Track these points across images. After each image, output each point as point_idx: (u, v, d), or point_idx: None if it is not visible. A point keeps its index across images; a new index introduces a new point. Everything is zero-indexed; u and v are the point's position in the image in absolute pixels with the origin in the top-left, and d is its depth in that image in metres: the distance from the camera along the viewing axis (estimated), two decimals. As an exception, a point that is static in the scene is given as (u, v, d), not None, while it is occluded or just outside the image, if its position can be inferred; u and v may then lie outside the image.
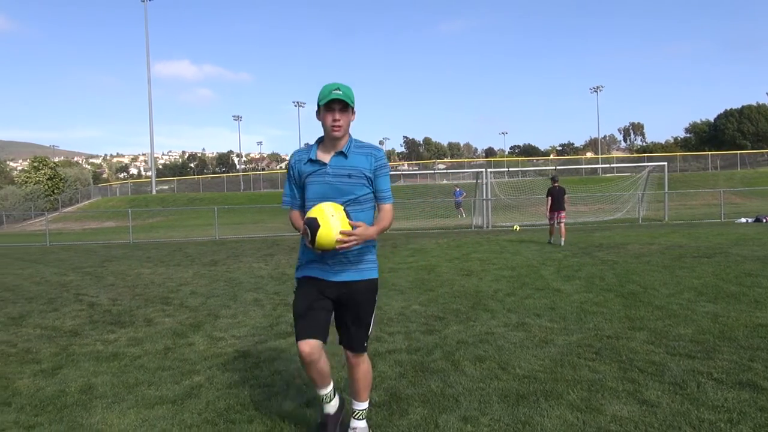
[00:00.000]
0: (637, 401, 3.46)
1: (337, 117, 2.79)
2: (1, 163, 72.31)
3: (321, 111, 2.83)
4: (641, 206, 22.72)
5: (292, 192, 3.01)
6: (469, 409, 3.45)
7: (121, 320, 6.48)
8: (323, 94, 2.79)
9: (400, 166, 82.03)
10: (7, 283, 10.05)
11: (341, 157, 2.87)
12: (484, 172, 23.03)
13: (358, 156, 2.89)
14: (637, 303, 6.28)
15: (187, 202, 47.46)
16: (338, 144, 2.87)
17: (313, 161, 2.89)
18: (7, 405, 3.82)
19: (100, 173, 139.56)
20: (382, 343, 5.05)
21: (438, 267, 10.06)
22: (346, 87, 2.81)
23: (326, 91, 2.78)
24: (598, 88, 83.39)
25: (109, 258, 14.52)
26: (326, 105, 2.79)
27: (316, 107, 2.86)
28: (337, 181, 2.85)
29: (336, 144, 2.87)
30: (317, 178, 2.87)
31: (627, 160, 61.77)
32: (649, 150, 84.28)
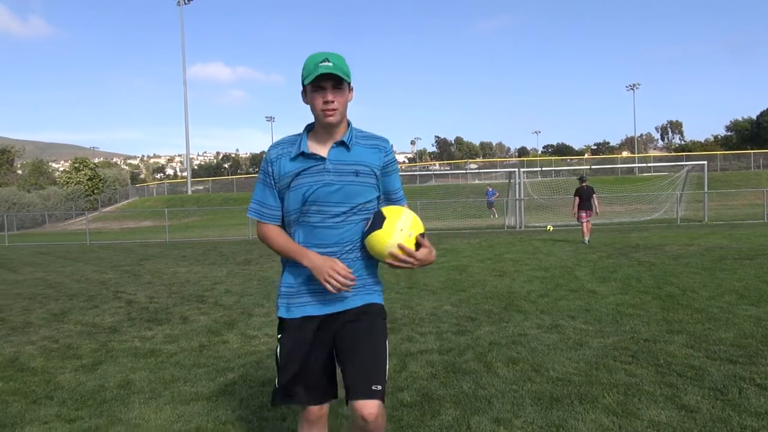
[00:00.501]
0: (675, 406, 3.38)
1: (330, 98, 2.08)
2: (44, 165, 74.58)
3: (308, 91, 2.13)
4: (679, 206, 22.16)
5: (267, 199, 2.22)
6: (502, 411, 3.42)
7: (158, 318, 6.62)
8: (308, 69, 2.08)
9: (432, 165, 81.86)
10: (49, 281, 10.37)
11: (343, 149, 2.18)
12: (516, 171, 22.80)
13: (363, 149, 2.22)
14: (675, 305, 6.13)
15: (221, 202, 48.26)
16: (335, 133, 2.18)
17: (305, 155, 2.15)
18: (49, 399, 3.94)
19: (138, 174, 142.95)
20: (413, 343, 5.04)
21: (470, 267, 10.00)
22: (336, 56, 2.10)
23: (311, 64, 2.07)
24: (635, 85, 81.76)
25: (146, 257, 14.85)
26: (313, 83, 2.08)
27: (302, 85, 2.15)
28: (341, 180, 2.15)
29: (332, 133, 2.17)
30: (312, 177, 2.14)
31: (665, 159, 60.36)
32: (688, 149, 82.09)
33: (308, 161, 2.16)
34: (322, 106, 2.09)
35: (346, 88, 2.14)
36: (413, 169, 76.43)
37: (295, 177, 2.16)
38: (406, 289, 7.83)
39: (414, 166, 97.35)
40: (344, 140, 2.17)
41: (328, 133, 2.18)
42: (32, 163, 70.96)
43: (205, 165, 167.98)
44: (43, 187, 56.85)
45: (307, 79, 2.08)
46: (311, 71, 2.06)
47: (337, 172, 2.15)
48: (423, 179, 49.97)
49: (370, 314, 2.21)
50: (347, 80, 2.11)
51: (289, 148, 2.19)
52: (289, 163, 2.17)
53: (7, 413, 3.67)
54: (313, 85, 2.08)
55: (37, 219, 45.26)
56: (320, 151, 2.17)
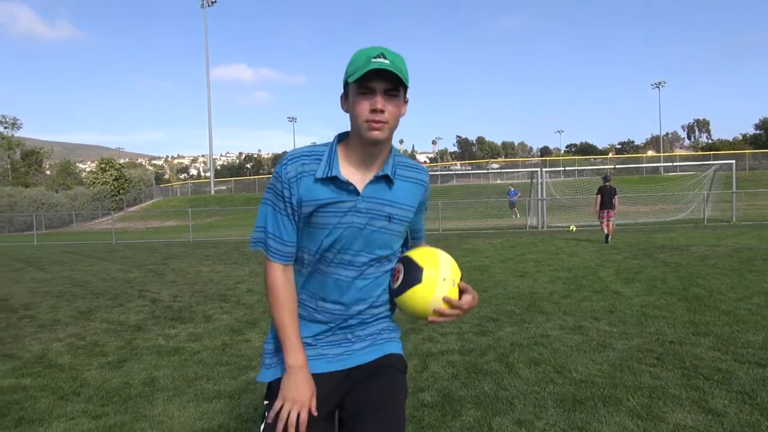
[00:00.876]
0: (701, 410, 3.32)
1: (379, 104, 1.54)
2: (71, 165, 76.13)
3: (350, 93, 1.60)
4: (706, 206, 21.75)
5: (283, 231, 1.66)
6: (524, 412, 3.39)
7: (182, 316, 6.71)
8: (355, 63, 1.57)
9: (453, 165, 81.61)
10: (77, 279, 10.57)
11: (383, 186, 1.66)
12: (539, 171, 22.59)
13: (404, 184, 1.70)
14: (702, 307, 6.02)
15: (243, 202, 48.68)
16: (377, 156, 1.65)
17: (338, 183, 1.62)
18: (76, 395, 4.01)
19: (162, 174, 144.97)
20: (434, 343, 5.02)
21: (491, 268, 9.94)
22: (395, 54, 1.59)
23: (361, 58, 1.56)
24: (660, 83, 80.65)
25: (170, 256, 15.04)
26: (360, 82, 1.55)
27: (343, 86, 1.65)
28: (370, 224, 1.65)
29: (374, 155, 1.64)
30: (339, 217, 1.63)
31: (691, 158, 59.31)
32: (715, 147, 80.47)
33: (339, 192, 1.62)
34: (368, 115, 1.56)
35: (402, 96, 1.62)
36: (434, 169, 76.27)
37: (317, 209, 1.62)
38: (427, 289, 7.81)
39: (435, 166, 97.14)
40: (387, 173, 1.65)
41: (368, 154, 1.64)
42: (60, 164, 72.44)
43: (228, 165, 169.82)
44: (70, 188, 57.95)
45: (352, 75, 1.56)
46: (360, 66, 1.55)
47: (368, 214, 1.64)
48: (444, 179, 49.83)
49: (388, 368, 1.75)
50: (405, 85, 1.59)
51: (313, 166, 1.63)
52: (314, 188, 1.62)
53: (35, 408, 3.75)
54: (360, 86, 1.56)
55: (64, 219, 46.18)
56: (355, 179, 1.63)
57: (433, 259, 1.72)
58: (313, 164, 1.63)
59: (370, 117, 1.56)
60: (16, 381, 4.36)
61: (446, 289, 1.69)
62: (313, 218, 1.64)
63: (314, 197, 1.62)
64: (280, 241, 1.66)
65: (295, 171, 1.63)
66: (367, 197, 1.64)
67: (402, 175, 1.70)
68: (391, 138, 1.64)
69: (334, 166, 1.62)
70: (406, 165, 1.73)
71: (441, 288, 1.68)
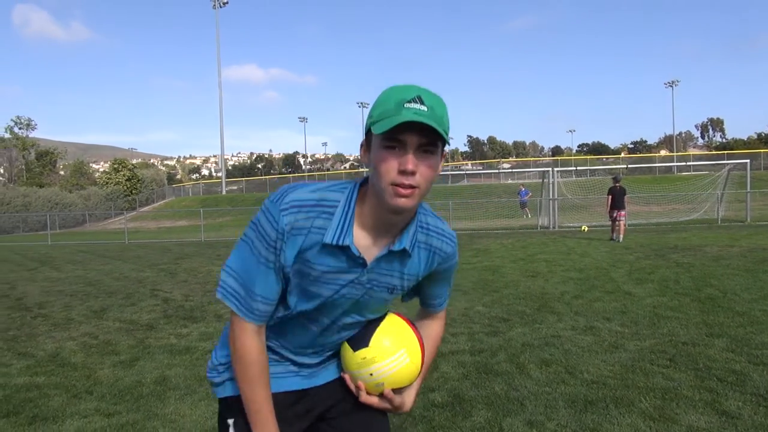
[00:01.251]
0: (715, 412, 3.28)
1: (411, 165, 1.21)
2: (85, 166, 76.79)
3: (375, 143, 1.26)
4: (720, 206, 21.53)
5: (262, 287, 1.35)
6: (535, 413, 3.38)
7: (193, 315, 6.75)
8: (384, 107, 1.23)
9: (464, 165, 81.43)
10: (90, 278, 10.67)
11: (397, 261, 1.40)
12: (550, 171, 22.48)
13: (421, 252, 1.43)
14: (715, 308, 5.96)
15: (255, 202, 48.88)
16: (396, 225, 1.36)
17: (345, 252, 1.33)
18: (89, 393, 4.05)
19: (174, 174, 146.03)
20: (445, 343, 5.01)
21: (502, 268, 9.90)
22: (433, 96, 1.26)
23: (392, 101, 1.22)
24: (674, 82, 79.98)
25: (182, 255, 15.14)
26: (389, 135, 1.21)
27: (365, 131, 1.32)
28: (368, 294, 1.41)
29: (392, 225, 1.35)
30: (334, 290, 1.37)
31: (705, 157, 58.79)
32: (730, 147, 79.69)
33: (345, 263, 1.35)
34: (395, 177, 1.22)
35: (440, 152, 1.28)
36: (445, 168, 76.18)
37: (312, 276, 1.35)
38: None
39: (446, 165, 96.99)
40: (405, 246, 1.36)
41: (387, 221, 1.34)
42: (74, 165, 73.11)
43: (239, 165, 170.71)
44: (83, 188, 58.46)
45: (379, 124, 1.21)
46: (389, 113, 1.21)
47: (369, 284, 1.39)
48: (455, 179, 49.71)
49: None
50: (445, 139, 1.25)
51: (320, 222, 1.31)
52: (316, 252, 1.33)
53: (49, 406, 3.79)
54: (387, 138, 1.22)
55: (78, 218, 46.61)
56: (367, 250, 1.35)
57: (387, 352, 1.46)
58: (320, 219, 1.31)
59: (398, 179, 1.22)
60: (30, 379, 4.41)
61: (365, 380, 1.47)
62: (303, 282, 1.37)
63: (313, 262, 1.33)
64: (260, 299, 1.36)
65: (296, 224, 1.30)
66: (375, 270, 1.38)
67: (423, 243, 1.42)
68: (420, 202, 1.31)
69: (348, 232, 1.31)
70: (431, 231, 1.43)
71: (361, 376, 1.48)
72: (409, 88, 1.24)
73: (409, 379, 1.50)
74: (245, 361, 1.38)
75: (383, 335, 1.48)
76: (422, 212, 1.42)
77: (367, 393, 1.49)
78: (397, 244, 1.36)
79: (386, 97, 1.25)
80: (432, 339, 1.63)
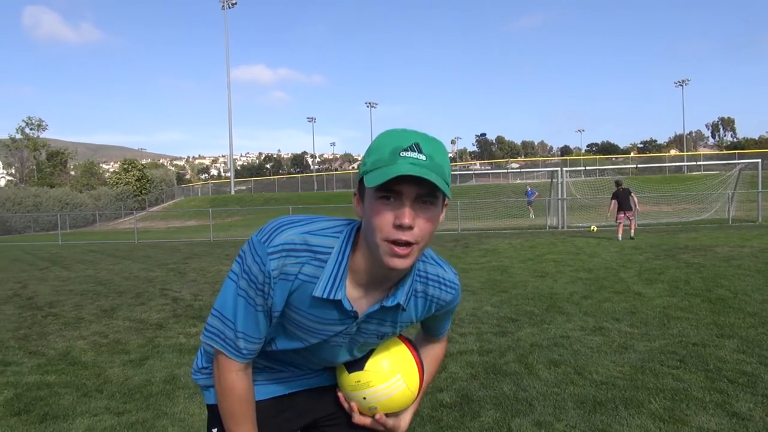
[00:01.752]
0: (726, 413, 3.26)
1: (407, 220, 1.12)
2: (95, 166, 77.29)
3: (369, 194, 1.16)
4: (731, 206, 21.35)
5: (255, 326, 1.29)
6: (543, 414, 3.37)
7: (202, 315, 6.77)
8: (379, 155, 1.14)
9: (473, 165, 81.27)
10: (100, 278, 10.74)
11: (389, 313, 1.32)
12: (559, 171, 22.39)
13: (419, 301, 1.36)
14: (726, 309, 5.92)
15: (263, 202, 49.02)
16: (390, 279, 1.28)
17: (336, 306, 1.27)
18: (99, 392, 4.08)
19: (183, 174, 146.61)
20: (453, 344, 5.01)
21: (511, 268, 9.87)
22: (433, 142, 1.16)
23: (388, 148, 1.13)
24: (684, 81, 79.47)
25: (191, 255, 15.20)
26: (384, 187, 1.12)
27: (358, 181, 1.22)
28: (355, 340, 1.36)
29: (387, 280, 1.28)
30: (321, 339, 1.33)
31: (715, 157, 58.39)
32: (741, 146, 79.05)
33: (335, 315, 1.28)
34: (390, 233, 1.13)
35: (440, 205, 1.19)
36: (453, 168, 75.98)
37: (299, 324, 1.30)
38: (445, 290, 7.79)
39: (455, 165, 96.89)
40: (400, 301, 1.28)
41: (381, 277, 1.26)
42: (84, 165, 73.59)
43: (248, 165, 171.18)
44: (94, 188, 58.83)
45: (372, 175, 1.12)
46: (383, 161, 1.12)
47: (359, 333, 1.34)
48: (463, 179, 49.62)
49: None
50: (445, 193, 1.14)
51: (310, 270, 1.23)
52: (305, 301, 1.25)
53: (59, 405, 3.82)
54: (382, 188, 1.12)
55: (88, 218, 46.92)
56: (358, 302, 1.28)
57: (383, 376, 1.41)
58: (310, 266, 1.22)
59: (393, 235, 1.12)
60: (41, 378, 4.45)
61: (358, 402, 1.44)
62: (290, 326, 1.31)
63: (302, 310, 1.27)
64: (248, 339, 1.29)
65: (284, 269, 1.21)
66: (366, 323, 1.31)
67: (420, 292, 1.34)
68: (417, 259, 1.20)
69: (341, 286, 1.23)
70: (430, 280, 1.34)
71: (356, 398, 1.44)
72: (406, 134, 1.14)
73: (404, 404, 1.45)
74: (232, 398, 1.32)
75: (380, 358, 1.42)
76: (421, 260, 1.32)
77: (360, 414, 1.45)
78: (390, 299, 1.27)
79: (381, 143, 1.15)
80: (433, 359, 1.58)
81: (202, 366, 1.47)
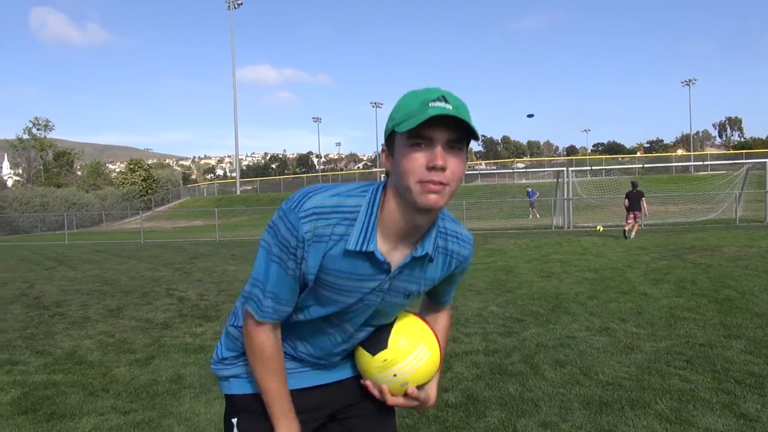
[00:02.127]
0: (733, 414, 3.24)
1: (440, 161, 1.17)
2: (102, 166, 77.61)
3: (400, 144, 1.21)
4: (738, 206, 21.24)
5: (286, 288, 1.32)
6: (549, 414, 3.36)
7: (208, 314, 6.79)
8: (407, 108, 1.20)
9: (478, 165, 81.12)
10: (106, 277, 10.78)
11: (417, 265, 1.36)
12: (565, 171, 22.33)
13: (441, 258, 1.41)
14: (733, 309, 5.88)
15: (269, 201, 49.08)
16: (421, 228, 1.31)
17: (370, 258, 1.29)
18: (105, 391, 4.09)
19: (189, 174, 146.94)
20: (458, 344, 5.00)
21: (516, 268, 9.85)
22: (457, 99, 1.22)
23: (416, 102, 1.19)
24: (691, 81, 79.11)
25: (197, 255, 15.24)
26: (415, 132, 1.17)
27: (386, 136, 1.27)
28: (385, 301, 1.38)
29: (417, 228, 1.30)
30: (356, 297, 1.34)
31: (723, 157, 58.12)
32: (748, 146, 78.58)
33: (369, 270, 1.31)
34: (425, 174, 1.18)
35: (466, 152, 1.24)
36: (459, 168, 75.58)
37: (334, 285, 1.32)
38: (451, 290, 7.79)
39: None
40: (429, 251, 1.32)
41: (413, 225, 1.28)
42: (90, 165, 73.88)
43: (254, 166, 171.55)
44: (100, 188, 59.05)
45: (405, 123, 1.17)
46: (414, 113, 1.17)
47: (389, 292, 1.37)
48: (469, 179, 49.54)
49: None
50: (474, 133, 1.20)
51: (341, 229, 1.26)
52: (338, 259, 1.28)
53: (66, 404, 3.84)
54: (413, 135, 1.18)
55: (94, 218, 47.12)
56: (390, 258, 1.31)
57: (405, 350, 1.44)
58: (341, 226, 1.26)
59: (427, 176, 1.17)
60: (47, 377, 4.47)
61: (388, 382, 1.45)
62: (323, 290, 1.33)
63: (336, 270, 1.29)
64: (278, 300, 1.34)
65: (317, 231, 1.25)
66: (395, 276, 1.34)
67: (441, 248, 1.39)
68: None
69: (372, 238, 1.26)
70: (449, 235, 1.40)
71: (385, 378, 1.45)
72: (432, 90, 1.21)
73: (431, 372, 1.49)
74: (264, 357, 1.37)
75: (400, 334, 1.46)
76: (440, 216, 1.38)
77: (392, 395, 1.46)
78: (419, 249, 1.32)
79: (408, 99, 1.22)
80: (442, 330, 1.62)
81: (223, 357, 1.51)
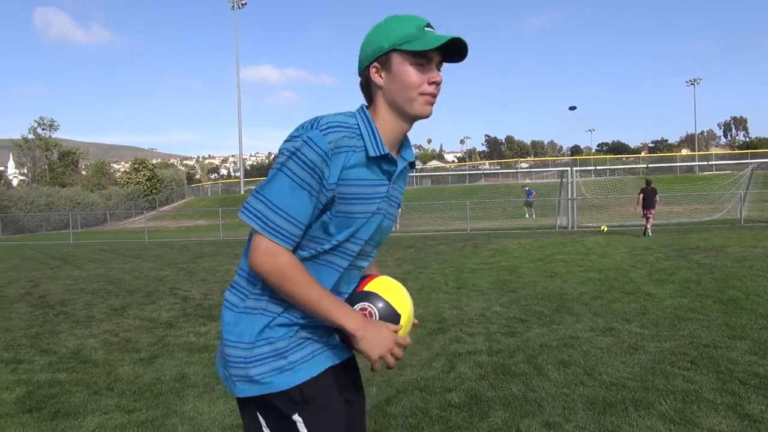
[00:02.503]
0: (737, 415, 3.23)
1: (439, 78, 1.40)
2: (106, 166, 77.89)
3: (400, 61, 1.38)
4: (743, 206, 21.16)
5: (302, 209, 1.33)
6: (553, 414, 3.35)
7: (212, 314, 6.80)
8: (406, 30, 1.38)
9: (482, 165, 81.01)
10: (110, 277, 10.81)
11: (402, 175, 1.54)
12: (569, 170, 22.28)
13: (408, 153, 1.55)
14: (738, 310, 5.86)
15: (272, 201, 49.07)
16: (402, 137, 1.47)
17: (385, 162, 1.42)
18: (109, 390, 4.11)
19: (193, 174, 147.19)
20: (462, 343, 5.00)
21: (520, 268, 9.84)
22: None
23: (411, 26, 1.38)
24: (696, 80, 79.04)
25: (201, 254, 15.27)
26: (419, 53, 1.38)
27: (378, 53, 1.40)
28: (388, 214, 1.50)
29: (401, 137, 1.47)
30: (377, 204, 1.43)
31: (727, 157, 57.91)
32: (753, 146, 78.18)
33: (381, 175, 1.43)
34: (426, 88, 1.39)
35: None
36: (463, 168, 75.85)
37: (357, 194, 1.38)
38: (454, 289, 7.79)
39: (464, 165, 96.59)
40: (412, 159, 1.54)
41: (403, 133, 1.46)
42: (95, 165, 74.14)
43: (257, 165, 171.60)
44: (105, 187, 59.25)
45: (411, 44, 1.36)
46: (416, 36, 1.36)
47: (393, 200, 1.51)
48: (472, 179, 49.52)
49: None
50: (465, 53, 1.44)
51: (354, 142, 1.36)
52: (360, 167, 1.37)
53: (70, 403, 3.85)
54: (419, 55, 1.37)
55: (99, 218, 47.24)
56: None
57: (406, 302, 1.51)
58: (353, 139, 1.37)
59: (428, 89, 1.40)
60: (52, 375, 4.48)
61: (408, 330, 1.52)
62: (347, 205, 1.37)
63: (355, 179, 1.37)
64: (293, 221, 1.32)
65: (339, 142, 1.33)
66: (393, 182, 1.47)
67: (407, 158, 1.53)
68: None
69: (382, 143, 1.39)
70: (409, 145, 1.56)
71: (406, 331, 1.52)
72: (414, 16, 1.41)
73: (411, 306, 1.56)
74: (295, 269, 1.34)
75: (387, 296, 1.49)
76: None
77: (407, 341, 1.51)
78: (408, 156, 1.51)
79: (397, 23, 1.40)
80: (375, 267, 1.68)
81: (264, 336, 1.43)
